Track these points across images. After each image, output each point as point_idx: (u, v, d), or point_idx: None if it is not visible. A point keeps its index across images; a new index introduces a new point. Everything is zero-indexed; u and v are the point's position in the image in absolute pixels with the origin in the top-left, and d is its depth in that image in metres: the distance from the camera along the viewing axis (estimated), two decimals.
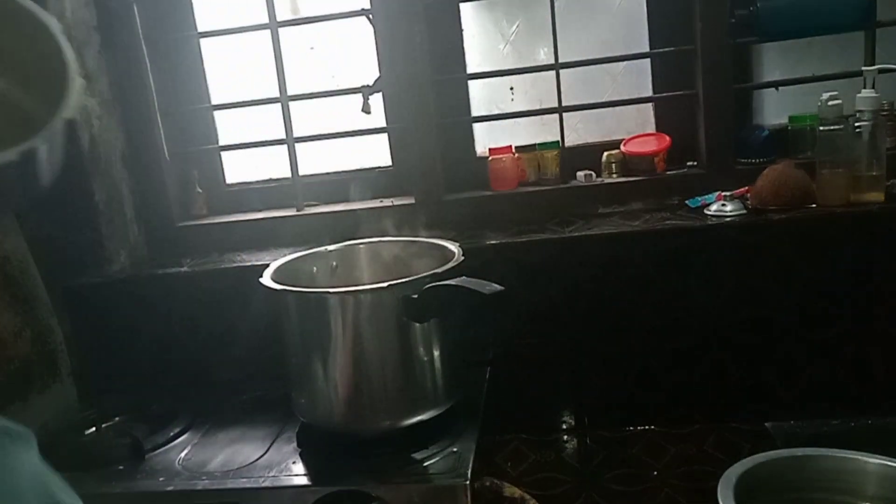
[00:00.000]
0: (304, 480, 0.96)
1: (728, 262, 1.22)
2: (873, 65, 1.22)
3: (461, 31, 1.51)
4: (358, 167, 1.58)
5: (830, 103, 1.20)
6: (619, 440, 1.26)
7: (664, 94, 1.46)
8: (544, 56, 1.52)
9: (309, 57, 1.59)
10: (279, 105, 1.49)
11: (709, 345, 1.25)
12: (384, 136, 1.54)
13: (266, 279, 1.05)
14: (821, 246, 1.19)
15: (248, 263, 1.36)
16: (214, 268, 1.38)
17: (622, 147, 1.45)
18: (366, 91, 1.47)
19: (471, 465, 0.93)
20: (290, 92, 1.49)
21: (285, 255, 1.17)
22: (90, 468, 1.04)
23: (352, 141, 1.52)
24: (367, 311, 0.97)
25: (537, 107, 1.50)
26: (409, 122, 1.43)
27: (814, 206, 1.22)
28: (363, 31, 1.49)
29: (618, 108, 1.47)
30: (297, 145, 1.50)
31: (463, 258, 1.05)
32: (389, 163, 1.57)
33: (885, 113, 1.26)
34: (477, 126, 1.56)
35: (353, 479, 0.94)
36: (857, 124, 1.19)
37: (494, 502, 0.97)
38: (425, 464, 0.96)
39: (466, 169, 1.51)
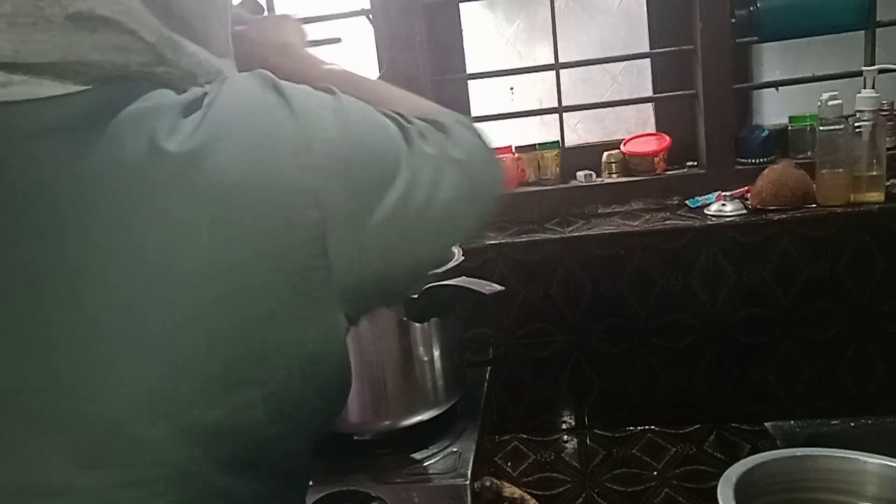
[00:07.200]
0: None
1: (728, 262, 1.22)
2: (873, 65, 1.22)
3: (461, 31, 1.52)
4: None
5: (830, 103, 1.20)
6: (619, 440, 1.26)
7: (664, 94, 1.46)
8: (544, 56, 1.52)
9: None
10: None
11: (709, 345, 1.25)
12: None
13: None
14: (821, 246, 1.19)
15: None
16: None
17: (622, 147, 1.45)
18: None
19: (471, 465, 0.93)
20: None
21: None
22: None
23: None
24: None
25: (537, 107, 1.50)
26: None
27: (814, 206, 1.22)
28: (363, 31, 1.50)
29: (618, 108, 1.48)
30: None
31: (463, 258, 1.05)
32: None
33: (885, 113, 1.26)
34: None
35: (353, 479, 0.94)
36: (857, 124, 1.19)
37: (494, 502, 0.97)
38: (425, 464, 0.96)
39: None
